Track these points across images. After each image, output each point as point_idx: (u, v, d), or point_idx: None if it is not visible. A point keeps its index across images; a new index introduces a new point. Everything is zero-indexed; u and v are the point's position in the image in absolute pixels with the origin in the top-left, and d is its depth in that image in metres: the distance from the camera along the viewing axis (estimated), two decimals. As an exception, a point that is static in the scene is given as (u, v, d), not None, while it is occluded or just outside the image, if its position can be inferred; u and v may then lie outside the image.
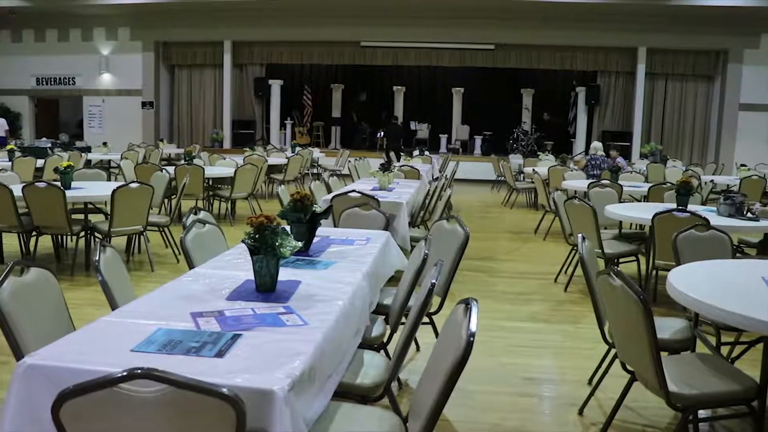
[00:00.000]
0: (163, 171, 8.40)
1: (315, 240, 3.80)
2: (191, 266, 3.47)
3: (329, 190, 7.25)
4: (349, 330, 2.77)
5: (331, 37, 18.41)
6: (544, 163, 13.86)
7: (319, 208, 3.73)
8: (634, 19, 17.11)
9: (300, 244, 2.99)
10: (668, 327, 3.68)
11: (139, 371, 1.64)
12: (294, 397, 1.92)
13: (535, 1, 16.35)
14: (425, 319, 3.90)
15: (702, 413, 3.43)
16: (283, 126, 20.22)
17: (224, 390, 1.65)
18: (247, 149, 14.07)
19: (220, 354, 2.10)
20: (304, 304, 2.67)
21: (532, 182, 11.61)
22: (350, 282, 3.05)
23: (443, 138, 20.33)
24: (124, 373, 1.63)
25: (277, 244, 2.75)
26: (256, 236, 2.78)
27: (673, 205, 6.31)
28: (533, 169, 11.66)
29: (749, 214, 6.00)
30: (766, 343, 2.99)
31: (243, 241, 2.84)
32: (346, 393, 2.69)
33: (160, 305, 2.61)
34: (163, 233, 7.29)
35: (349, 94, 21.40)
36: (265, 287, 2.81)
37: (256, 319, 2.46)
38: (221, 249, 3.88)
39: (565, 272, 6.73)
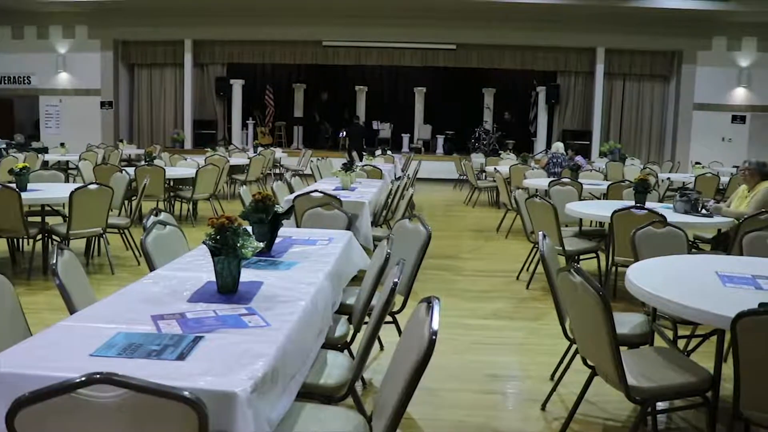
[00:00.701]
0: (123, 172, 8.28)
1: (277, 240, 3.78)
2: (152, 268, 3.43)
3: (291, 190, 7.21)
4: (311, 330, 2.76)
5: (292, 37, 18.32)
6: (506, 162, 13.99)
7: (280, 209, 3.71)
8: (593, 20, 17.38)
9: (262, 244, 2.97)
10: (627, 322, 3.74)
11: (97, 376, 1.61)
12: (257, 398, 1.91)
13: (496, 1, 16.49)
14: (388, 318, 3.91)
15: (660, 405, 3.50)
16: (245, 126, 20.05)
17: (186, 393, 1.63)
18: (209, 149, 13.92)
19: (181, 357, 2.09)
20: (266, 305, 2.66)
21: (494, 181, 11.70)
22: (313, 282, 3.05)
23: (405, 137, 20.36)
24: (83, 379, 1.60)
25: (238, 245, 2.74)
26: (218, 237, 2.76)
27: (632, 203, 6.43)
28: (495, 168, 11.76)
29: (704, 211, 6.14)
30: (720, 336, 3.06)
31: (204, 243, 2.82)
32: (310, 393, 2.68)
33: (120, 309, 2.58)
34: (123, 235, 7.19)
35: (311, 93, 21.31)
36: (227, 289, 2.79)
37: (217, 321, 2.45)
38: (182, 251, 3.84)
39: (527, 270, 6.81)
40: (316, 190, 6.35)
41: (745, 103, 18.56)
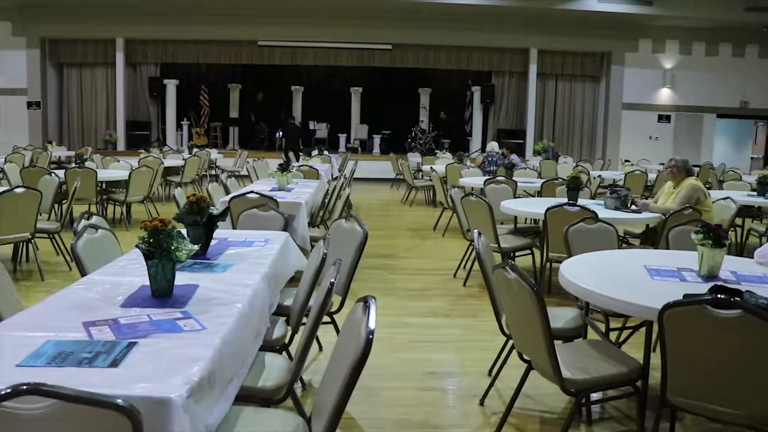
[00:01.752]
0: (52, 175, 8.02)
1: (212, 242, 3.73)
2: (83, 273, 3.34)
3: (227, 192, 7.13)
4: (249, 333, 2.74)
5: (227, 36, 18.08)
6: (442, 161, 14.12)
7: (216, 210, 3.67)
8: (526, 21, 17.73)
9: (197, 247, 2.92)
10: (561, 316, 3.83)
11: (24, 387, 1.54)
12: (193, 403, 1.88)
13: (432, 2, 16.63)
14: (326, 319, 3.90)
15: (594, 396, 3.59)
16: (179, 127, 19.70)
17: (119, 401, 1.59)
18: (143, 151, 13.63)
19: (114, 364, 2.04)
20: (202, 308, 2.62)
21: (431, 180, 11.80)
22: (249, 284, 3.02)
23: (342, 137, 20.36)
24: (8, 390, 1.54)
25: (172, 247, 2.69)
26: (151, 240, 2.70)
27: (565, 200, 6.57)
28: (431, 167, 11.86)
29: (633, 207, 6.33)
30: (649, 327, 3.16)
31: (137, 246, 2.76)
32: (248, 396, 2.66)
33: (49, 316, 2.50)
34: (53, 240, 6.97)
35: (247, 93, 21.09)
36: (161, 292, 2.74)
37: (152, 326, 2.40)
38: (115, 255, 3.75)
39: (464, 267, 6.89)
40: (252, 191, 6.29)
41: (669, 103, 19.26)
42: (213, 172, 15.89)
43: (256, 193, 6.16)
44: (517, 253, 6.52)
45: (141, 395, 1.81)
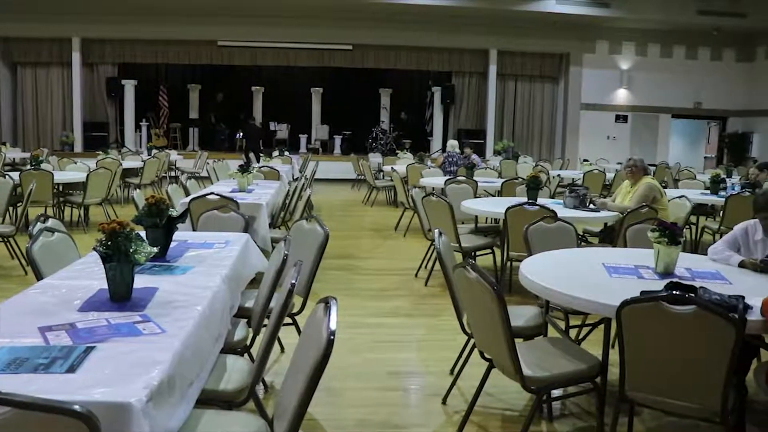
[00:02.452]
0: (6, 177, 7.84)
1: (172, 245, 3.69)
2: (39, 278, 3.27)
3: (187, 193, 7.05)
4: (209, 335, 2.71)
5: (187, 36, 17.86)
6: (403, 161, 14.15)
7: (175, 212, 3.62)
8: (486, 22, 17.86)
9: (156, 249, 2.89)
10: (522, 315, 3.87)
11: (-23, 394, 1.52)
12: (153, 408, 1.86)
13: (392, 3, 16.65)
14: (288, 320, 3.89)
15: (554, 393, 3.64)
16: (138, 128, 19.39)
17: (76, 407, 1.57)
18: (101, 152, 13.39)
19: (71, 369, 2.00)
20: (161, 311, 2.59)
21: (392, 180, 11.82)
22: (209, 286, 2.99)
23: (303, 138, 20.29)
24: (-39, 397, 1.51)
25: (131, 250, 2.66)
26: (109, 243, 2.67)
27: (525, 199, 6.64)
28: (392, 168, 11.89)
29: (591, 206, 6.43)
30: (607, 324, 3.22)
31: (95, 249, 2.72)
32: (209, 400, 2.64)
33: (4, 322, 2.44)
34: (8, 244, 6.82)
35: (206, 94, 20.86)
36: (120, 296, 2.71)
37: (110, 330, 2.36)
38: (73, 258, 3.68)
39: (425, 267, 6.92)
40: (212, 193, 6.24)
41: (626, 104, 19.61)
42: (173, 174, 15.68)
43: (217, 194, 6.11)
44: (478, 253, 6.57)
45: (99, 400, 1.78)
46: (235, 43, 18.36)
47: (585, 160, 15.58)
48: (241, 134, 18.95)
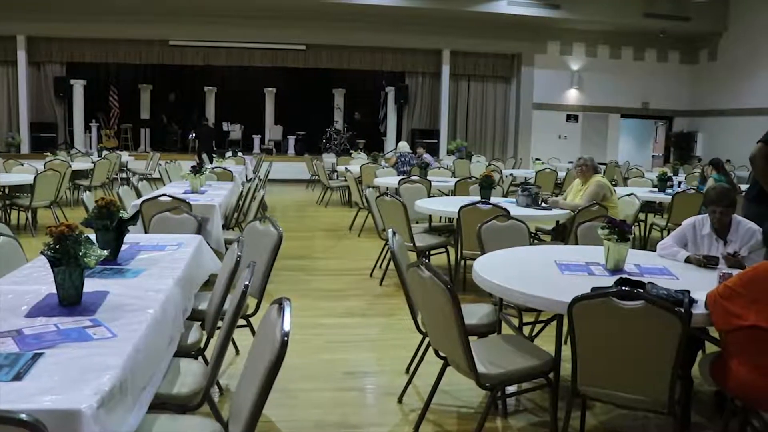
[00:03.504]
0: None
1: (123, 247, 3.63)
2: (-17, 283, 3.18)
3: (139, 195, 6.94)
4: (162, 339, 2.68)
5: (137, 35, 17.52)
6: (357, 162, 14.17)
7: (126, 214, 3.57)
8: (438, 23, 17.94)
9: (106, 252, 2.83)
10: (476, 313, 3.91)
11: None
12: (104, 414, 1.83)
13: (345, 3, 16.63)
14: (242, 322, 3.86)
15: (509, 389, 3.68)
16: (88, 129, 18.95)
17: (22, 415, 1.53)
18: (49, 154, 13.09)
19: (18, 377, 1.95)
20: (112, 315, 2.55)
21: (346, 180, 11.81)
22: (161, 289, 2.95)
23: (256, 138, 20.14)
24: None
25: (80, 253, 2.61)
26: (57, 247, 2.61)
27: (478, 198, 6.71)
28: (346, 168, 11.88)
29: (543, 204, 6.53)
30: (559, 321, 3.27)
31: (42, 253, 2.66)
32: (163, 404, 2.60)
33: (-54, 328, 2.37)
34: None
35: (158, 94, 20.55)
36: (69, 300, 2.65)
37: (59, 335, 2.31)
38: (20, 262, 3.59)
39: (380, 267, 6.93)
40: (164, 194, 6.16)
41: (577, 104, 19.95)
42: (124, 175, 15.41)
43: (169, 196, 6.02)
44: (432, 252, 6.61)
45: (48, 408, 1.74)
46: (187, 43, 18.09)
47: (537, 159, 15.79)
48: (194, 135, 18.71)
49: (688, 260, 3.86)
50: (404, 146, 12.69)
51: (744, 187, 10.12)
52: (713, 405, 3.87)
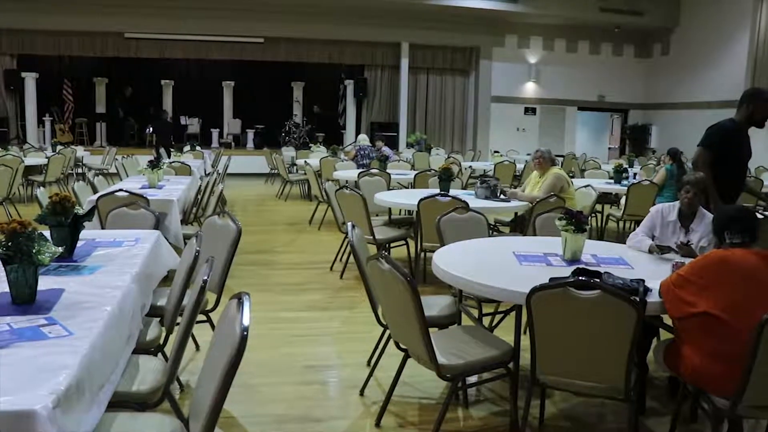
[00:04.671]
0: None
1: (79, 244, 3.57)
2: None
3: (95, 191, 6.81)
4: (120, 336, 2.64)
5: (91, 27, 17.10)
6: (316, 155, 14.11)
7: (81, 210, 3.51)
8: (397, 15, 17.94)
9: (61, 249, 2.78)
10: (436, 304, 3.94)
11: None
12: (61, 414, 1.80)
13: (303, -5, 16.55)
14: (202, 318, 3.83)
15: (469, 379, 3.72)
16: (41, 123, 18.49)
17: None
18: (0, 149, 12.77)
19: (-30, 377, 1.91)
20: (68, 313, 2.51)
21: (305, 174, 11.77)
22: (119, 286, 2.91)
23: (215, 132, 19.93)
24: None
25: (34, 251, 2.56)
26: (9, 244, 2.56)
27: (437, 191, 6.74)
28: (305, 161, 11.85)
29: (502, 196, 6.59)
30: (518, 311, 3.31)
31: (-7, 251, 2.60)
32: (122, 402, 2.57)
33: None
34: None
35: (114, 88, 20.12)
36: (23, 299, 2.60)
37: (13, 335, 2.27)
38: (-31, 261, 3.51)
39: (341, 260, 6.93)
40: (121, 190, 6.06)
41: (535, 96, 20.17)
42: (79, 171, 15.12)
43: (126, 191, 5.93)
44: (392, 244, 6.63)
45: (2, 410, 1.71)
46: (143, 35, 17.73)
47: (496, 152, 15.92)
48: (151, 129, 18.41)
49: (649, 250, 3.95)
50: (364, 139, 12.68)
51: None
52: (667, 390, 3.96)
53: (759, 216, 4.99)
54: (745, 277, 2.80)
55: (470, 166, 12.41)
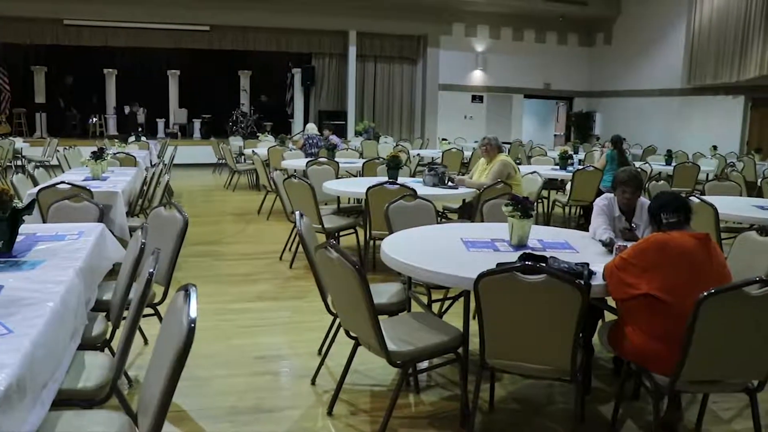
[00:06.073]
0: None
1: (19, 239, 3.47)
2: None
3: (35, 183, 6.62)
4: (64, 332, 2.59)
5: (27, 13, 16.48)
6: (264, 144, 14.01)
7: (20, 204, 3.41)
8: (345, 3, 17.89)
9: (-1, 244, 2.72)
10: (385, 292, 3.96)
11: None
12: (1, 414, 1.76)
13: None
14: (150, 311, 3.77)
15: (420, 365, 3.75)
16: (-24, 114, 17.93)
17: None
18: (-69, 142, 12.34)
19: None
20: (8, 310, 2.43)
21: (253, 164, 11.67)
22: (62, 281, 2.84)
23: (161, 122, 19.56)
24: None
25: (-30, 246, 2.48)
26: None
27: (385, 179, 6.75)
28: (253, 151, 11.74)
29: (450, 183, 6.64)
30: (467, 297, 3.35)
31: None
32: (68, 400, 2.52)
33: None
34: None
35: (54, 77, 19.52)
36: (-40, 296, 2.52)
37: (-50, 333, 2.20)
38: None
39: (290, 250, 6.91)
40: (63, 182, 5.91)
41: (482, 84, 20.35)
42: (18, 163, 14.68)
43: (68, 183, 5.79)
44: (341, 233, 6.63)
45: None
46: (84, 22, 17.22)
47: (444, 139, 16.03)
48: (95, 119, 17.84)
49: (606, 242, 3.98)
50: (312, 128, 12.62)
51: (638, 164, 10.63)
52: (612, 370, 4.07)
53: (695, 199, 5.17)
54: (683, 259, 2.89)
55: (418, 154, 12.47)
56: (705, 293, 2.64)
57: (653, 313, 2.88)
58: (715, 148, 15.33)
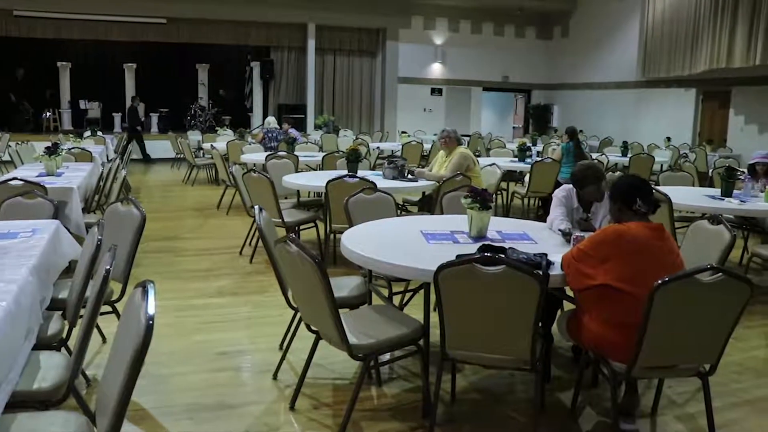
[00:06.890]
0: None
1: (-31, 237, 3.40)
2: None
3: (-15, 180, 6.48)
4: (17, 332, 2.54)
5: (-27, 5, 16.15)
6: (223, 138, 13.89)
7: (-30, 202, 3.33)
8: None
9: (-51, 243, 2.65)
10: (346, 285, 3.96)
11: None
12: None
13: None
14: (108, 308, 3.72)
15: (381, 358, 3.76)
16: None
17: None
18: None
19: None
20: (-42, 311, 2.38)
21: (212, 158, 11.56)
22: (14, 279, 2.78)
23: (117, 117, 19.25)
24: None
25: None
26: None
27: (345, 172, 6.75)
28: (212, 145, 11.64)
29: (409, 176, 6.67)
30: (427, 289, 3.37)
31: None
32: (23, 402, 2.47)
33: None
34: None
35: (4, 70, 19.06)
36: None
37: None
38: None
39: (250, 244, 6.87)
40: (15, 178, 5.78)
41: (441, 77, 20.44)
42: (-32, 160, 14.31)
43: (21, 179, 5.66)
44: (301, 227, 6.61)
45: None
46: (36, 14, 16.77)
47: (403, 132, 16.07)
48: (49, 114, 17.42)
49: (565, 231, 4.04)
50: (271, 122, 12.53)
51: (595, 155, 10.79)
52: (571, 358, 4.13)
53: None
54: (639, 249, 2.95)
55: (378, 147, 12.48)
56: (659, 281, 2.70)
57: (610, 302, 2.94)
58: (669, 139, 15.66)
